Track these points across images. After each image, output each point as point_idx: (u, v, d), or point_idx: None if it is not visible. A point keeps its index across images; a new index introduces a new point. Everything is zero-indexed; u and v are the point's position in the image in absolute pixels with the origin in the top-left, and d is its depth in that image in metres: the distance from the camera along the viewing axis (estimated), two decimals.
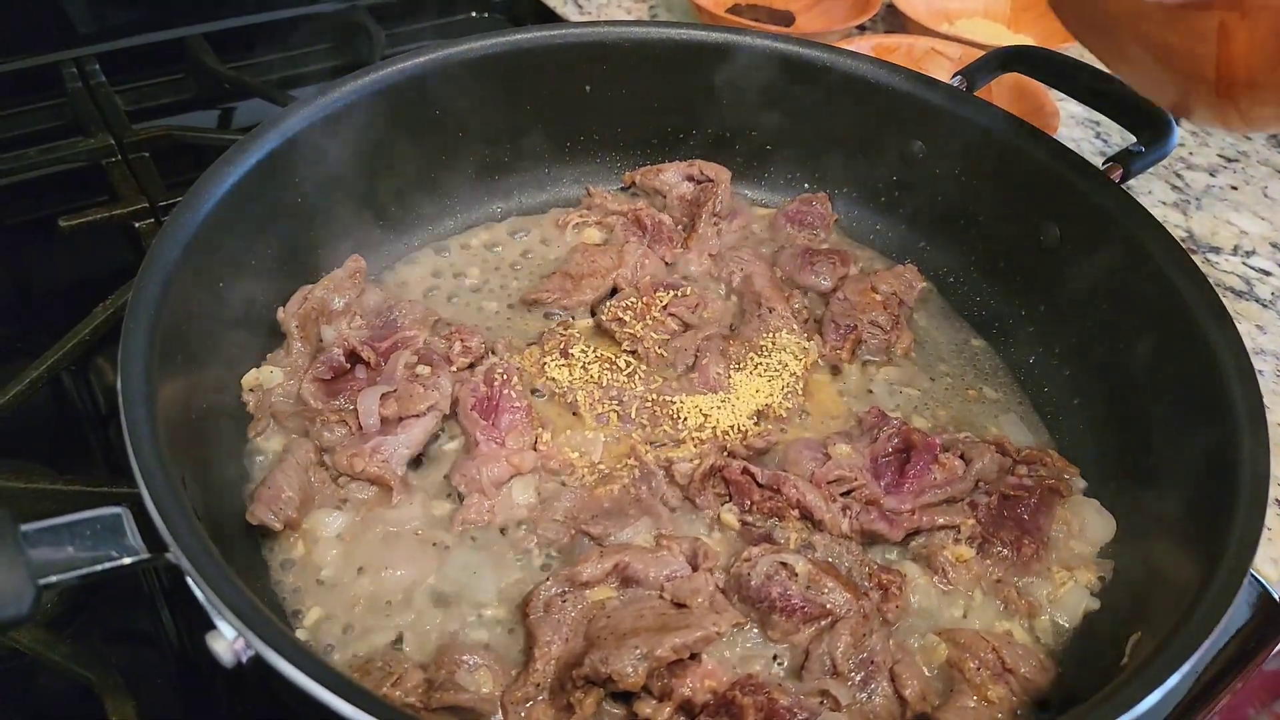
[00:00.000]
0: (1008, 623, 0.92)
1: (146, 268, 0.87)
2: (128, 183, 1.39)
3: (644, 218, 1.28)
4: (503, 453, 0.99)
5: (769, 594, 0.88)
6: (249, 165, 1.01)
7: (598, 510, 0.97)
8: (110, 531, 0.67)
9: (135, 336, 0.81)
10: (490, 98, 1.25)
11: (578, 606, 0.87)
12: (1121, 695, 0.65)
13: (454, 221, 1.30)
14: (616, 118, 1.35)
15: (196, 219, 0.93)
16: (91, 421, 1.18)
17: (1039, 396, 1.14)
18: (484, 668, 0.83)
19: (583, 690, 0.81)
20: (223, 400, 0.99)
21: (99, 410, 1.19)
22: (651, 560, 0.90)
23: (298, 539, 0.93)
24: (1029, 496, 0.98)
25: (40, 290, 1.43)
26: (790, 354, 1.12)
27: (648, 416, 1.06)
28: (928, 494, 0.98)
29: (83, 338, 1.11)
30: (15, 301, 1.39)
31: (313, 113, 1.09)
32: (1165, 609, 0.81)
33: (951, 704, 0.84)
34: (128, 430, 0.73)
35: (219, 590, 0.65)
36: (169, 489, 0.70)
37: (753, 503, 0.97)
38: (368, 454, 0.96)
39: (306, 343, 1.06)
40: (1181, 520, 0.90)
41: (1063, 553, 0.97)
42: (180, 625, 0.96)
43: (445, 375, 1.04)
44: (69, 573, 0.64)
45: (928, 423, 1.09)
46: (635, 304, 1.17)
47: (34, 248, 1.43)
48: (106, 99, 1.54)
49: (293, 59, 1.77)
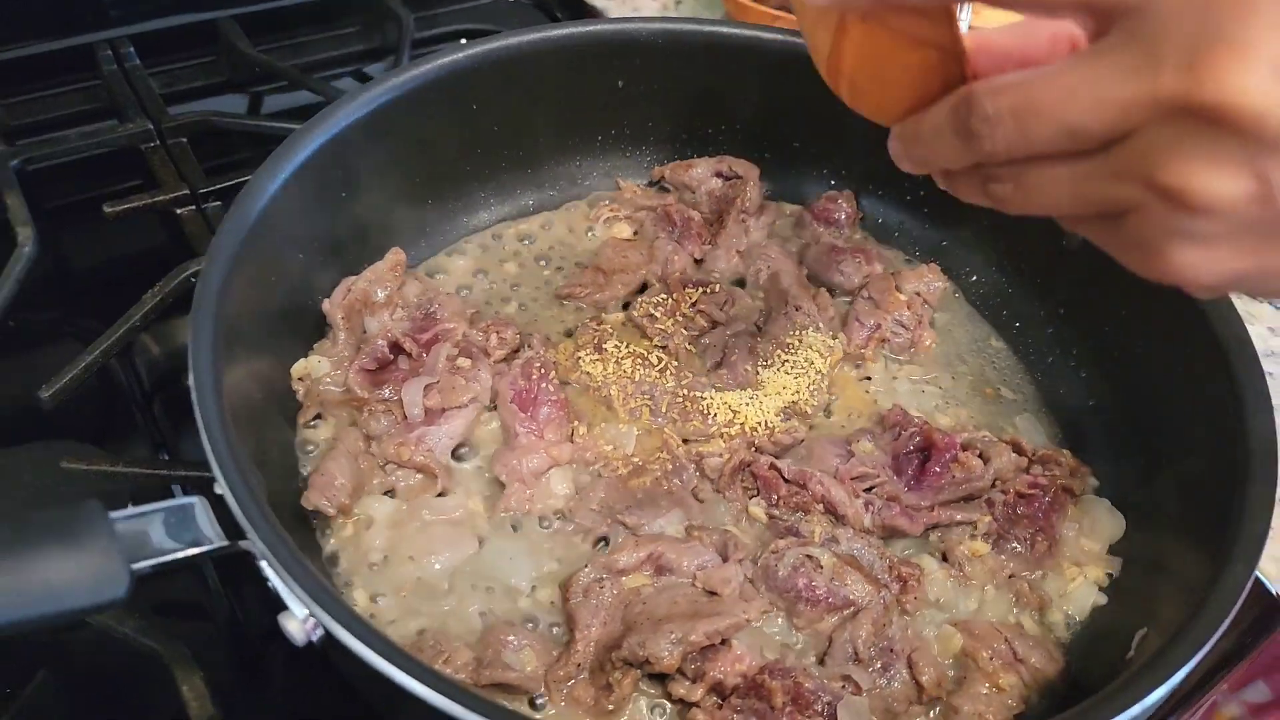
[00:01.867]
0: (1019, 615, 0.97)
1: (209, 264, 0.91)
2: (167, 168, 1.42)
3: (673, 213, 1.32)
4: (541, 444, 1.03)
5: (795, 585, 0.93)
6: (301, 159, 1.04)
7: (631, 501, 1.01)
8: (189, 520, 0.72)
9: (203, 331, 0.85)
10: (525, 92, 1.28)
11: (614, 592, 0.92)
12: (1130, 690, 0.70)
13: (488, 214, 1.33)
14: (647, 112, 1.38)
15: (252, 215, 0.97)
16: (135, 399, 1.23)
17: (1055, 397, 1.18)
18: (528, 648, 0.88)
19: (621, 671, 0.86)
20: (274, 389, 1.04)
21: (143, 387, 1.23)
22: (684, 550, 0.95)
23: (348, 523, 0.97)
24: (1043, 495, 1.03)
25: (81, 274, 1.46)
26: (816, 351, 1.17)
27: (678, 411, 1.10)
28: (947, 491, 1.03)
29: (134, 323, 1.15)
30: (58, 284, 1.43)
31: (358, 108, 1.12)
32: (1171, 606, 0.86)
33: (965, 690, 0.89)
34: (203, 425, 0.78)
35: (294, 575, 0.70)
36: (243, 481, 0.75)
37: (779, 497, 1.01)
38: (413, 443, 1.01)
39: (351, 333, 1.10)
40: (1189, 521, 0.94)
41: (1073, 550, 1.02)
42: (232, 598, 1.01)
43: (485, 368, 1.09)
44: (156, 559, 0.68)
45: (949, 420, 1.14)
46: (666, 300, 1.21)
47: (74, 231, 1.46)
48: (141, 82, 1.56)
49: (321, 43, 1.79)
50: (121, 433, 1.21)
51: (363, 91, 1.14)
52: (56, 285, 1.41)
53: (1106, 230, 0.61)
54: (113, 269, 1.44)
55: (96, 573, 0.64)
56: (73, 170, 1.48)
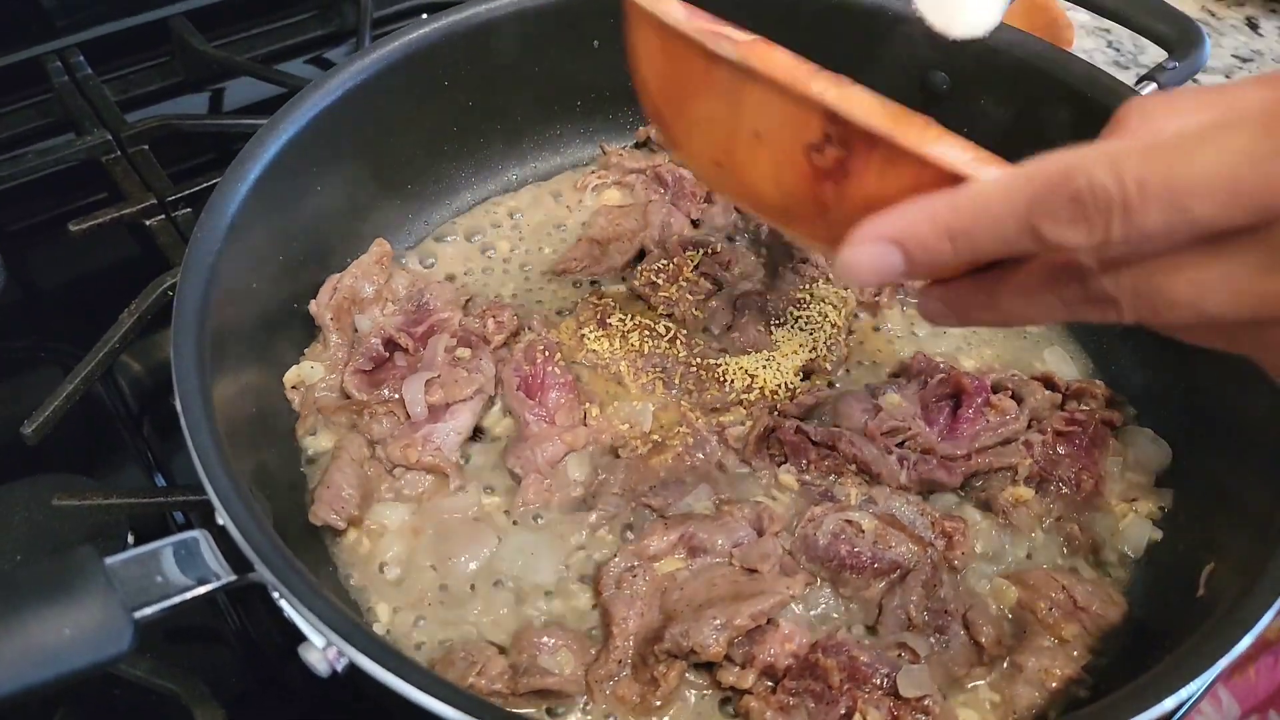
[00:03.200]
0: (1073, 560, 0.93)
1: (184, 280, 0.85)
2: (131, 179, 1.35)
3: (664, 174, 1.26)
4: (554, 431, 0.98)
5: (838, 552, 0.88)
6: (270, 157, 0.98)
7: (655, 481, 0.97)
8: (192, 555, 0.67)
9: (185, 350, 0.80)
10: (496, 64, 1.22)
11: (648, 580, 0.87)
12: (1221, 636, 0.66)
13: (471, 194, 1.27)
14: (626, 72, 1.30)
15: (224, 222, 0.91)
16: (123, 421, 1.17)
17: (1082, 327, 1.13)
18: (564, 648, 0.84)
19: (665, 664, 0.81)
20: (267, 401, 0.98)
21: (129, 408, 1.18)
22: (716, 528, 0.90)
23: (360, 535, 0.93)
24: (1082, 431, 0.98)
25: (53, 296, 1.40)
26: (829, 304, 1.11)
27: (693, 381, 1.05)
28: (982, 437, 0.98)
29: (113, 345, 1.09)
30: (28, 308, 1.37)
31: (323, 97, 1.05)
32: (1237, 536, 0.82)
33: (1027, 645, 0.85)
34: (196, 452, 0.72)
35: (311, 606, 0.65)
36: (245, 509, 0.70)
37: (809, 461, 0.97)
38: (420, 443, 0.96)
39: (342, 334, 1.05)
40: (1242, 440, 0.90)
41: (1121, 485, 0.97)
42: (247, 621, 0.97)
43: (486, 356, 1.03)
44: (161, 603, 0.63)
45: (974, 362, 1.09)
46: (667, 266, 1.15)
47: (41, 253, 1.40)
48: (95, 91, 1.49)
49: (278, 31, 1.71)
50: (112, 459, 1.16)
51: (327, 79, 1.07)
52: (28, 311, 1.35)
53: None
54: (86, 288, 1.37)
55: (96, 628, 0.59)
56: (33, 190, 1.41)
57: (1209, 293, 0.52)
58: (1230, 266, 0.51)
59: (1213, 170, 0.49)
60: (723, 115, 0.65)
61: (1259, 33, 1.75)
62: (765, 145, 0.64)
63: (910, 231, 0.56)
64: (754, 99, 0.63)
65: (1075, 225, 0.51)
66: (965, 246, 0.55)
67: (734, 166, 0.67)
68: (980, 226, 0.54)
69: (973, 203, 0.55)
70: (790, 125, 0.61)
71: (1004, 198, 0.53)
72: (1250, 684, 1.08)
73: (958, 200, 0.55)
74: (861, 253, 0.58)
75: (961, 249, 0.56)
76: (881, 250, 0.57)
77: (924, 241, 0.56)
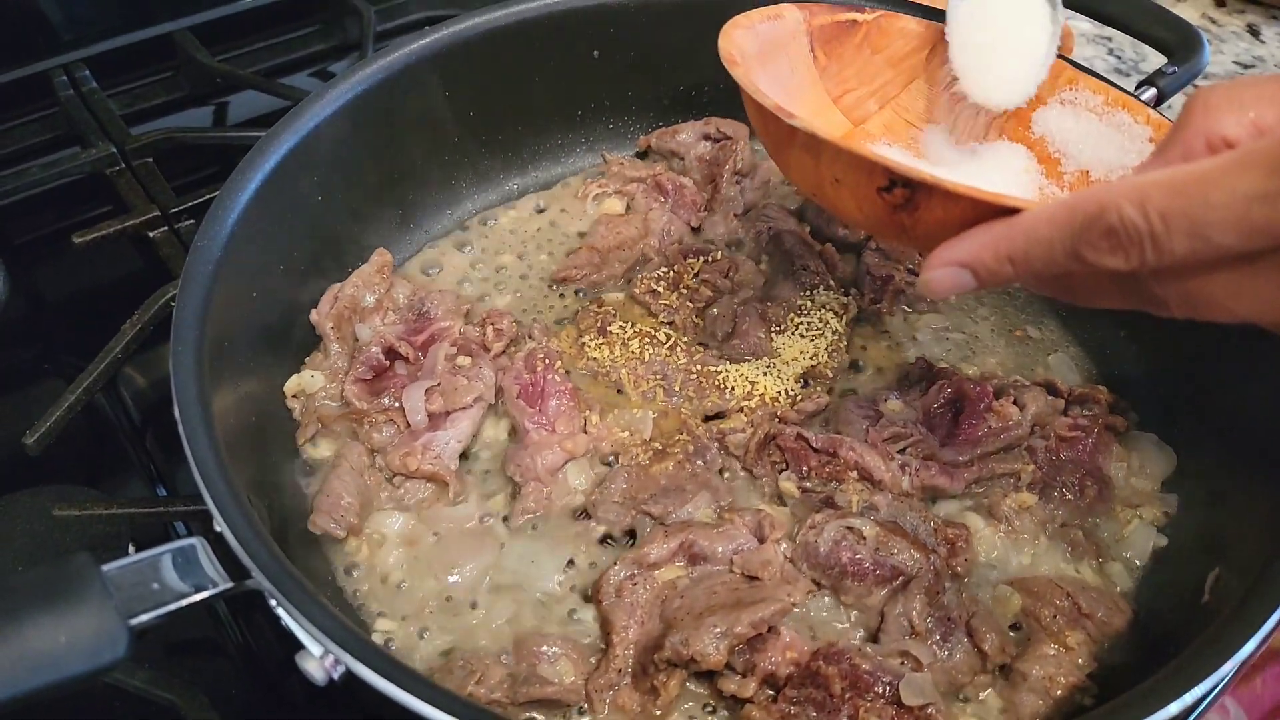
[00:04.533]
0: (1077, 567, 0.92)
1: (184, 288, 0.86)
2: (135, 191, 1.36)
3: (664, 182, 1.26)
4: (554, 439, 0.98)
5: (839, 559, 0.88)
6: (270, 167, 0.99)
7: (655, 488, 0.96)
8: (189, 563, 0.67)
9: (185, 359, 0.80)
10: (496, 74, 1.22)
11: (648, 588, 0.87)
12: (1224, 640, 0.65)
13: (472, 204, 1.27)
14: (626, 81, 1.32)
15: (224, 231, 0.92)
16: (126, 433, 1.18)
17: (1084, 332, 1.13)
18: (564, 657, 0.84)
19: (666, 673, 0.81)
20: (268, 410, 0.98)
21: (132, 420, 1.18)
22: (717, 536, 0.90)
23: (361, 543, 0.92)
24: (1086, 437, 0.98)
25: (57, 308, 1.41)
26: (830, 311, 1.11)
27: (694, 389, 1.05)
28: (985, 443, 0.98)
29: (115, 356, 1.09)
30: (33, 321, 1.37)
31: (324, 108, 1.06)
32: (1243, 541, 0.81)
33: (1031, 653, 0.84)
34: (194, 460, 0.73)
35: (308, 614, 0.65)
36: (243, 517, 0.69)
37: (810, 468, 0.96)
38: (420, 451, 0.95)
39: (343, 343, 1.05)
40: (1247, 444, 0.89)
41: (1125, 491, 0.97)
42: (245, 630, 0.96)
43: (486, 364, 1.03)
44: (157, 610, 0.63)
45: (977, 368, 1.08)
46: (667, 274, 1.15)
47: (45, 264, 1.41)
48: (100, 105, 1.50)
49: (283, 45, 1.73)
50: (115, 470, 1.16)
51: (327, 90, 1.08)
52: (32, 322, 1.36)
53: None
54: (89, 300, 1.38)
55: (92, 634, 0.59)
56: (38, 203, 1.42)
57: (1243, 300, 0.60)
58: (1258, 279, 0.58)
59: (1226, 206, 0.55)
60: (809, 164, 0.78)
61: (1260, 39, 1.75)
62: (845, 187, 0.76)
63: (976, 257, 0.68)
64: (828, 155, 0.75)
65: (1114, 254, 0.60)
66: (1024, 268, 0.66)
67: (824, 198, 0.81)
68: (1034, 253, 0.65)
69: (1025, 234, 0.65)
70: (860, 174, 0.74)
71: (1049, 230, 0.63)
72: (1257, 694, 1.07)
73: (1013, 231, 0.66)
74: (939, 275, 0.71)
75: (1020, 270, 0.67)
76: (954, 272, 0.70)
77: (987, 265, 0.68)
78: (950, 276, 0.70)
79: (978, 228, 0.68)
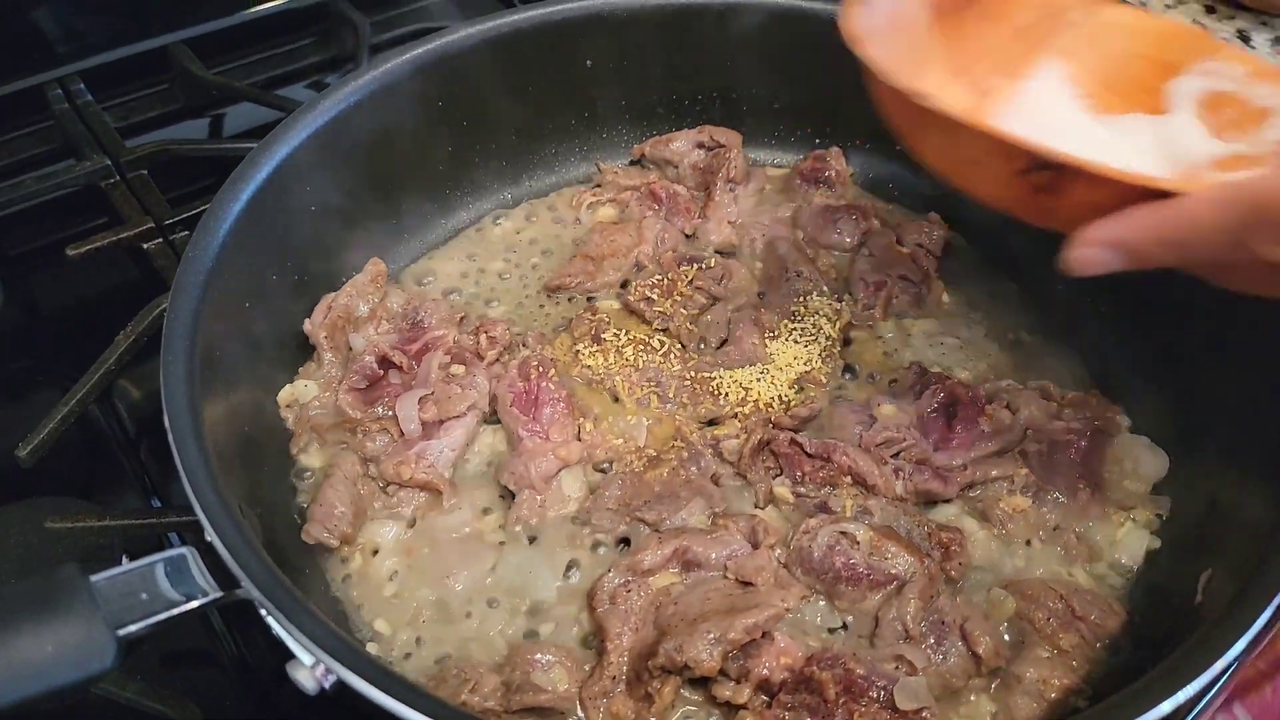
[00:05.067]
0: (1071, 569, 0.92)
1: (175, 298, 0.86)
2: (129, 203, 1.36)
3: (658, 190, 1.26)
4: (548, 446, 0.98)
5: (833, 564, 0.88)
6: (262, 178, 0.99)
7: (649, 495, 0.96)
8: (179, 572, 0.67)
9: (175, 370, 0.80)
10: (490, 83, 1.23)
11: (643, 595, 0.87)
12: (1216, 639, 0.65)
13: (467, 213, 1.28)
14: (619, 89, 1.32)
15: (216, 241, 0.92)
16: (120, 444, 1.17)
17: (1076, 336, 1.12)
18: (557, 665, 0.83)
19: (660, 679, 0.81)
20: (262, 420, 0.99)
21: (126, 432, 1.18)
22: (711, 542, 0.90)
23: (355, 552, 0.92)
24: (1078, 440, 0.98)
25: (51, 318, 1.41)
26: (823, 316, 1.11)
27: (688, 395, 1.05)
28: (978, 447, 0.98)
29: (109, 367, 1.09)
30: (27, 332, 1.38)
31: (315, 119, 1.07)
32: (1235, 542, 0.81)
33: (1025, 656, 0.84)
34: (185, 473, 0.73)
35: (297, 623, 0.65)
36: (233, 526, 0.69)
37: (804, 473, 0.96)
38: (413, 460, 0.95)
39: (337, 353, 1.05)
40: (1240, 448, 0.89)
41: (1118, 493, 0.97)
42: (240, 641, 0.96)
43: (480, 372, 1.03)
44: (146, 620, 0.63)
45: (969, 373, 1.08)
46: (661, 281, 1.15)
47: (40, 276, 1.41)
48: (95, 118, 1.51)
49: (278, 58, 1.73)
50: (110, 482, 1.16)
51: (319, 101, 1.09)
52: (27, 334, 1.36)
53: None
54: (84, 312, 1.38)
55: (80, 644, 0.59)
56: (33, 215, 1.42)
57: None
58: None
59: None
60: (946, 145, 0.76)
61: (1251, 45, 1.75)
62: (983, 168, 0.73)
63: (1129, 238, 0.67)
64: (966, 136, 0.72)
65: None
66: (1179, 252, 0.65)
67: (962, 180, 0.78)
68: (1194, 239, 0.64)
69: (1187, 219, 0.64)
70: (1000, 156, 0.70)
71: (1213, 217, 0.62)
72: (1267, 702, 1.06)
73: (1172, 215, 0.64)
74: (1088, 253, 0.69)
75: (1175, 253, 0.66)
76: (1103, 251, 0.68)
77: (1139, 247, 0.67)
78: (1099, 256, 0.68)
79: (1133, 210, 0.66)
